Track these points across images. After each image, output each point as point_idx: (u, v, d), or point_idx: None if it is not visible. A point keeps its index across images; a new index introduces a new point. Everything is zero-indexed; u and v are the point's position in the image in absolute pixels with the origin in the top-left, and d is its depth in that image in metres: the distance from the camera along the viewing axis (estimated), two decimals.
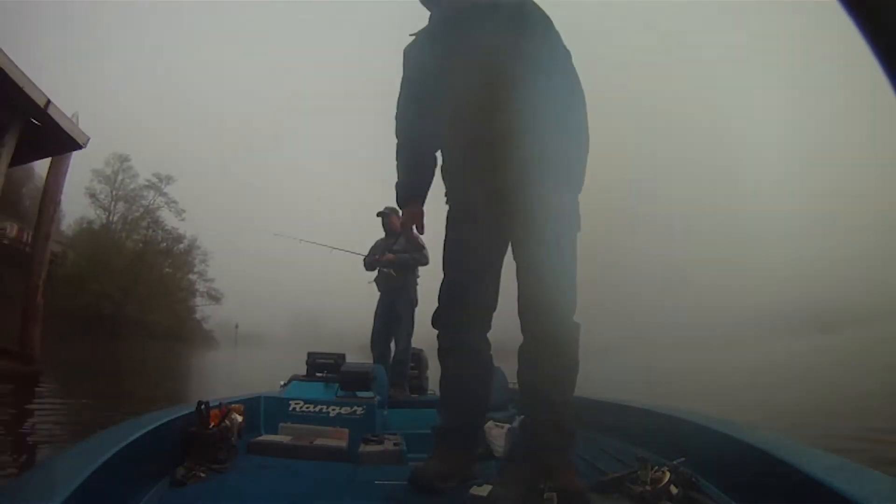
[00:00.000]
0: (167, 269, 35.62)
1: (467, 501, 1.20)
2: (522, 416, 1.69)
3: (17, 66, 6.24)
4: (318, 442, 1.89)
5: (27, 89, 6.41)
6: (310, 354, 2.74)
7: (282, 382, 2.69)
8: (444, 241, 1.59)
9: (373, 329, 3.92)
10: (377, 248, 4.04)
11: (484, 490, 1.21)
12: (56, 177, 8.03)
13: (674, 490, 1.13)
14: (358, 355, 3.12)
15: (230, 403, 1.80)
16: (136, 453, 1.15)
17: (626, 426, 1.87)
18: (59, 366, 9.05)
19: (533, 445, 1.49)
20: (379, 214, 4.03)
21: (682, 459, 1.22)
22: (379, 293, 3.98)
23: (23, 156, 7.13)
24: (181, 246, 36.04)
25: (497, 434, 2.20)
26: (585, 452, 1.64)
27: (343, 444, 1.89)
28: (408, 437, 1.95)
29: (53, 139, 7.20)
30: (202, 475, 1.37)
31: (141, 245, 33.98)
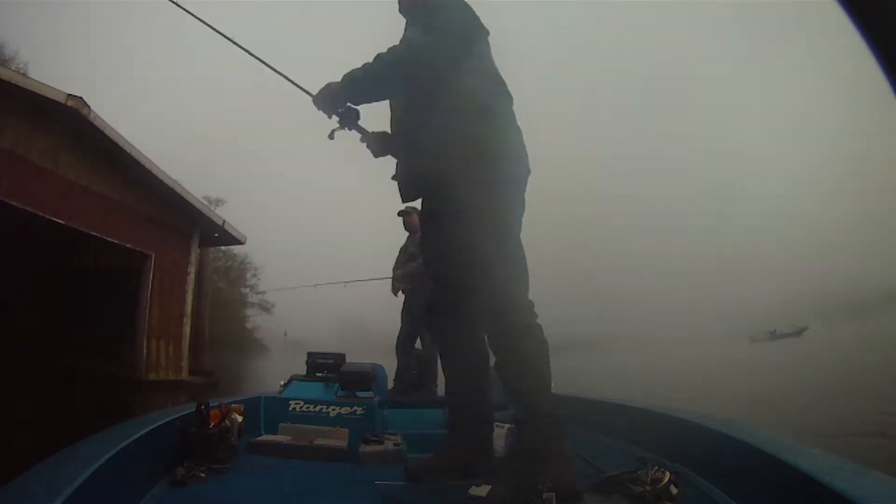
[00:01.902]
0: (220, 285, 37.49)
1: (467, 501, 1.20)
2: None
3: (202, 202, 11.22)
4: (318, 442, 1.89)
5: (212, 217, 11.21)
6: (310, 354, 2.74)
7: (282, 382, 2.69)
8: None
9: (399, 331, 3.99)
10: (398, 262, 4.14)
11: (483, 490, 1.21)
12: (206, 256, 12.85)
13: (674, 490, 1.13)
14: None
15: (230, 403, 1.80)
16: (136, 453, 1.15)
17: (626, 426, 1.87)
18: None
19: (520, 442, 1.52)
20: (400, 213, 4.08)
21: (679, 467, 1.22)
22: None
23: (205, 244, 12.15)
24: (235, 263, 38.19)
25: (497, 434, 2.20)
26: (585, 452, 1.63)
27: (343, 444, 1.89)
28: (408, 437, 1.95)
29: (226, 239, 12.42)
30: (202, 475, 1.38)
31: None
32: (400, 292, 4.10)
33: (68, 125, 7.80)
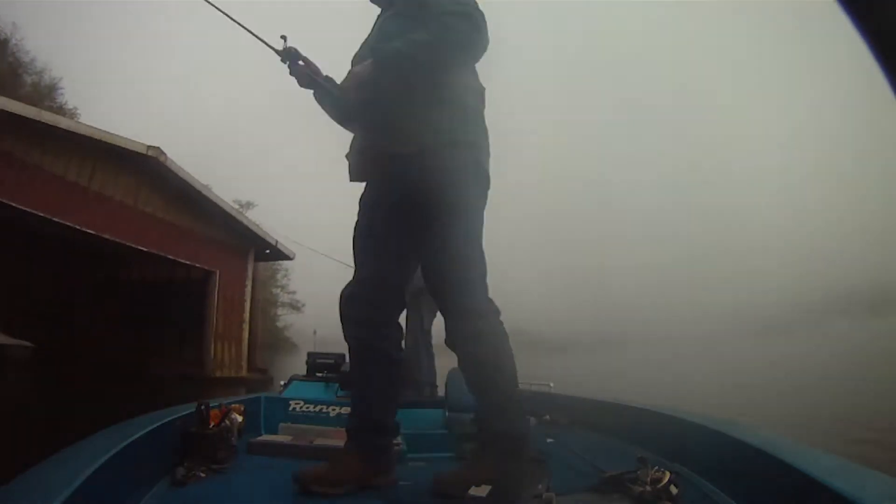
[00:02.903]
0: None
1: (467, 501, 1.20)
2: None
3: (258, 226, 12.90)
4: (319, 442, 1.89)
5: (266, 237, 12.96)
6: (309, 354, 2.74)
7: (282, 382, 2.69)
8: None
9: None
10: None
11: (483, 490, 1.21)
12: (258, 269, 14.32)
13: (674, 490, 1.12)
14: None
15: (230, 403, 1.80)
16: (136, 453, 1.15)
17: (626, 426, 1.86)
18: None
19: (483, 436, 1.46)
20: None
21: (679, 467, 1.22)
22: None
23: (259, 259, 13.97)
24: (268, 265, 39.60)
25: None
26: (585, 452, 1.63)
27: (343, 444, 1.89)
28: (408, 437, 1.94)
29: (277, 255, 14.59)
30: (202, 475, 1.37)
31: None
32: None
33: (147, 168, 9.88)
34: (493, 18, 1.35)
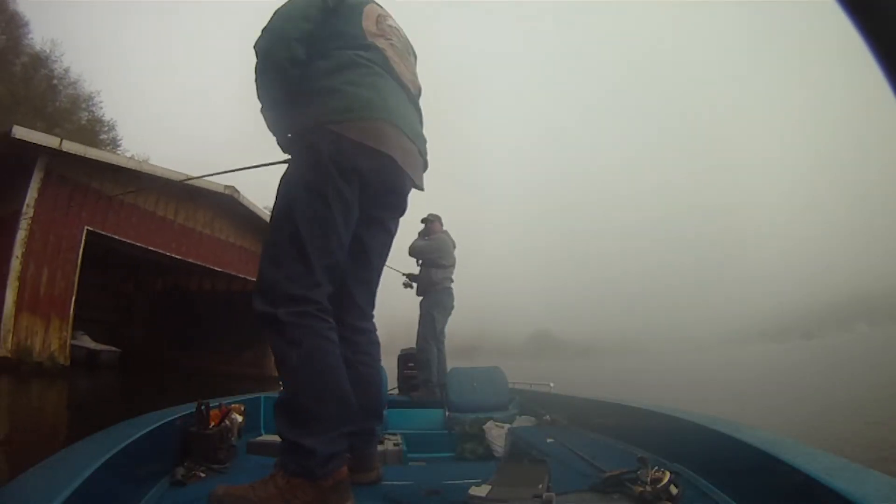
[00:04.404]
0: None
1: (467, 501, 1.20)
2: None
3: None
4: None
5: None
6: None
7: (282, 382, 2.69)
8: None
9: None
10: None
11: (483, 490, 1.21)
12: None
13: (674, 490, 1.13)
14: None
15: (230, 403, 1.80)
16: (136, 453, 1.15)
17: (626, 426, 1.87)
18: None
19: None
20: (423, 220, 4.15)
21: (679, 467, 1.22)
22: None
23: None
24: None
25: (497, 434, 2.20)
26: (585, 452, 1.63)
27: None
28: (408, 437, 1.95)
29: None
30: (202, 475, 1.38)
31: None
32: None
33: (222, 202, 12.46)
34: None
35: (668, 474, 1.15)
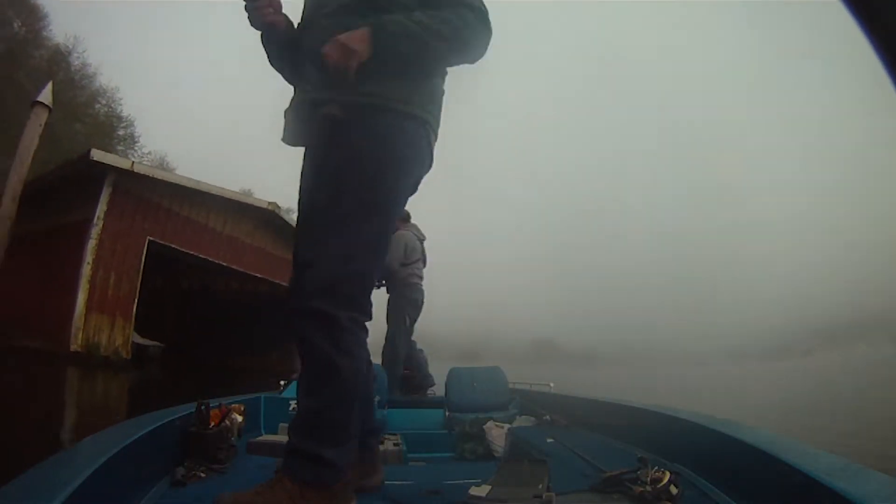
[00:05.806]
0: None
1: (467, 501, 1.20)
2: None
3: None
4: None
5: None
6: None
7: (282, 382, 2.69)
8: None
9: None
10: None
11: (483, 490, 1.21)
12: None
13: (674, 490, 1.13)
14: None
15: (230, 403, 1.80)
16: (136, 453, 1.15)
17: (626, 426, 1.87)
18: None
19: None
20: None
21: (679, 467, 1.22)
22: None
23: None
24: None
25: (497, 434, 2.20)
26: (585, 452, 1.63)
27: None
28: (408, 437, 1.95)
29: None
30: (202, 475, 1.37)
31: None
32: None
33: (263, 215, 13.44)
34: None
35: (668, 474, 1.15)
